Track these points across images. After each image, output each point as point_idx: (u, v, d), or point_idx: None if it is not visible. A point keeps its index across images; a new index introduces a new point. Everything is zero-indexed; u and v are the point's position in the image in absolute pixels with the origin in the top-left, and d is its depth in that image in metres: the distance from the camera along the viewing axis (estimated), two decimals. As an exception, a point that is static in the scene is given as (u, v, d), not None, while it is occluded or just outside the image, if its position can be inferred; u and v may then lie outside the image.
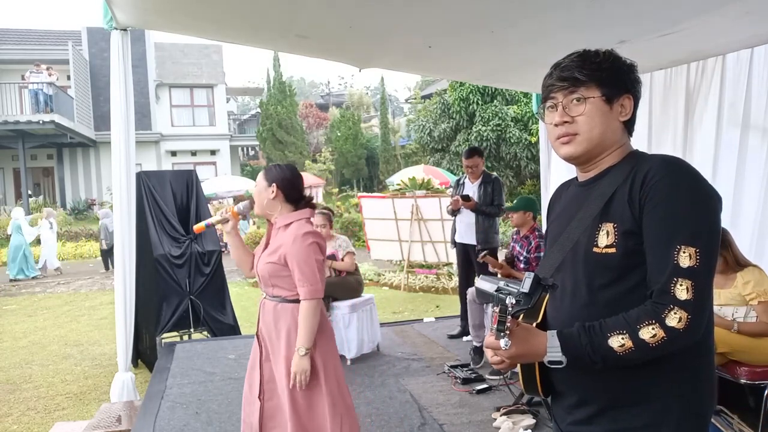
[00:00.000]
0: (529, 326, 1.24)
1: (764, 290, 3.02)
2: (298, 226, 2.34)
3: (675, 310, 1.12)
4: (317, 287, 2.30)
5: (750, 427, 2.88)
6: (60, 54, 19.96)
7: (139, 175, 5.20)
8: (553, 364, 1.19)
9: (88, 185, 21.84)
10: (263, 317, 2.44)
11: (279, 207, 2.40)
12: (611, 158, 1.29)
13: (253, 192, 2.46)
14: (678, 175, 1.17)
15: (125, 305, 4.15)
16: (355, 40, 4.21)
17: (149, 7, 3.94)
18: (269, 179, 2.40)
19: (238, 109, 38.16)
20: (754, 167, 3.88)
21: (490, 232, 4.99)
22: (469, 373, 4.10)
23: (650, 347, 1.12)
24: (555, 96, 1.29)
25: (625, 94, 1.27)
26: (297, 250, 2.28)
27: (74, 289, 10.76)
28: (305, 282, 2.28)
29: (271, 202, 2.39)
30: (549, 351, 1.18)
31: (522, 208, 4.29)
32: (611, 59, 1.28)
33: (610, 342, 1.14)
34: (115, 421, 3.64)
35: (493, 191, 4.98)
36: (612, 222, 1.21)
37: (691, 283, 1.12)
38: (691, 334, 1.13)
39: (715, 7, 3.20)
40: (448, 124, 18.16)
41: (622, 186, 1.22)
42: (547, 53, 3.97)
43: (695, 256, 1.12)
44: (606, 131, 1.26)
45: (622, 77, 1.28)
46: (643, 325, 1.13)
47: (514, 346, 1.16)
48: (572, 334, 1.19)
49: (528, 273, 1.33)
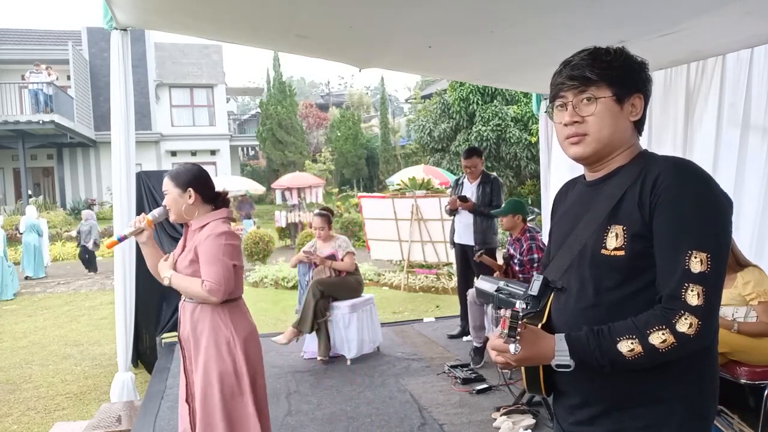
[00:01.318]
0: (537, 329, 1.23)
1: (764, 290, 3.02)
2: (213, 226, 2.29)
3: (686, 315, 1.10)
4: (219, 288, 2.20)
5: (750, 427, 2.88)
6: (60, 54, 19.96)
7: (139, 175, 5.19)
8: (561, 368, 1.17)
9: (88, 185, 21.85)
10: (183, 320, 2.37)
11: (197, 211, 2.34)
12: (621, 158, 1.28)
13: (167, 199, 2.34)
14: (689, 178, 1.16)
15: (125, 305, 4.15)
16: (355, 40, 4.21)
17: (149, 7, 3.94)
18: (182, 184, 2.31)
19: (238, 109, 38.16)
20: (754, 167, 3.88)
21: (489, 232, 4.99)
22: (469, 373, 4.10)
23: (660, 352, 1.11)
24: (565, 95, 1.26)
25: (636, 93, 1.25)
26: (207, 248, 2.22)
27: (74, 289, 10.76)
28: (207, 280, 2.20)
29: (189, 207, 2.32)
30: (557, 355, 1.17)
31: (510, 211, 4.30)
32: (623, 57, 1.25)
33: (620, 347, 1.13)
34: (115, 421, 3.65)
35: (491, 191, 4.98)
36: (621, 224, 1.20)
37: (702, 289, 1.10)
38: (701, 340, 1.12)
39: (715, 7, 3.20)
40: (448, 124, 18.15)
41: (632, 188, 1.20)
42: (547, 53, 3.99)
43: (706, 262, 1.11)
44: (616, 132, 1.24)
45: (633, 76, 1.25)
46: (653, 330, 1.12)
47: (523, 349, 1.14)
48: (580, 338, 1.17)
49: (537, 275, 1.32)
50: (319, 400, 3.86)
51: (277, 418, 3.56)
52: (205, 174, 2.40)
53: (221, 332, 2.28)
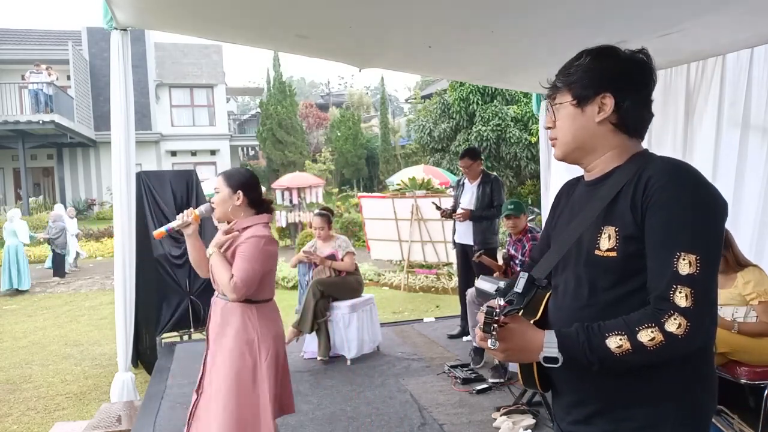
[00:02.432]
0: (526, 323, 1.23)
1: (764, 290, 3.02)
2: (255, 230, 2.40)
3: (675, 316, 1.10)
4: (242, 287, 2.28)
5: (750, 427, 2.88)
6: (60, 54, 19.95)
7: (139, 175, 5.20)
8: (549, 362, 1.17)
9: (88, 185, 21.84)
10: (213, 314, 2.47)
11: (242, 213, 2.44)
12: (611, 159, 1.27)
13: (215, 198, 2.45)
14: (681, 180, 1.16)
15: (125, 305, 4.15)
16: (355, 40, 4.20)
17: (149, 7, 3.94)
18: (233, 186, 2.42)
19: (238, 109, 38.16)
20: (754, 167, 3.88)
21: (488, 233, 4.99)
22: (469, 373, 4.10)
23: (648, 350, 1.11)
24: (548, 102, 1.36)
25: (603, 93, 1.24)
26: (246, 248, 2.33)
27: (74, 289, 10.76)
28: (236, 276, 2.28)
29: (235, 209, 2.43)
30: (545, 346, 1.17)
31: (523, 210, 4.31)
32: (588, 59, 1.26)
33: (608, 342, 1.13)
34: (115, 421, 3.65)
35: (492, 191, 4.98)
36: (614, 226, 1.20)
37: (690, 291, 1.10)
38: (691, 341, 1.11)
39: (715, 7, 3.20)
40: (448, 124, 18.15)
41: (626, 189, 1.20)
42: (546, 53, 3.99)
43: (695, 264, 1.11)
44: (579, 135, 1.27)
45: (596, 77, 1.24)
46: (642, 327, 1.12)
47: (506, 342, 1.17)
48: (570, 332, 1.18)
49: (522, 273, 1.32)
50: (319, 400, 3.86)
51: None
52: (256, 180, 2.54)
53: (246, 332, 2.35)
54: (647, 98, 1.27)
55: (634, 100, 1.25)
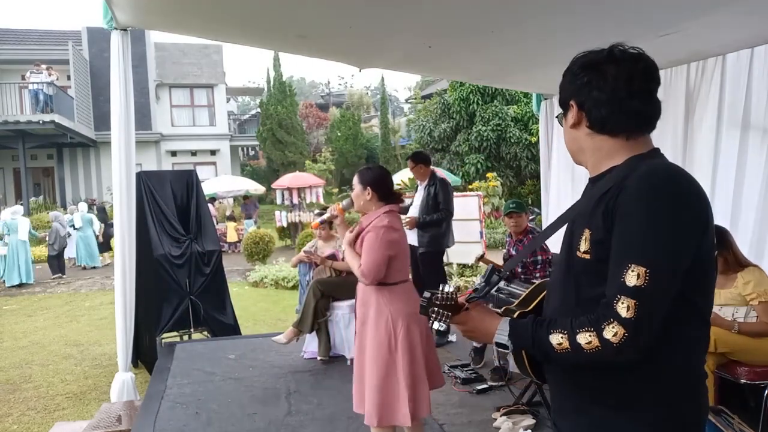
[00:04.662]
0: (487, 310, 1.36)
1: (764, 290, 3.02)
2: (378, 220, 2.67)
3: (614, 324, 1.12)
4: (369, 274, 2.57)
5: (750, 427, 2.88)
6: (60, 54, 19.95)
7: (139, 175, 5.19)
8: (500, 347, 1.27)
9: (88, 185, 21.84)
10: (358, 294, 2.78)
11: (373, 206, 2.72)
12: (603, 159, 1.28)
13: (353, 193, 2.78)
14: (646, 191, 1.14)
15: (125, 305, 4.15)
16: (355, 40, 4.21)
17: (149, 7, 3.94)
18: (364, 182, 2.71)
19: (238, 109, 38.12)
20: (754, 167, 3.87)
21: (437, 235, 4.93)
22: (469, 373, 4.10)
23: (584, 352, 1.15)
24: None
25: (570, 101, 1.30)
26: (368, 238, 2.63)
27: (74, 289, 10.76)
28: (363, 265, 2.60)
29: (367, 203, 2.73)
30: (498, 333, 1.28)
31: (524, 209, 4.31)
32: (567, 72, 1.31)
33: (551, 338, 1.19)
34: (115, 421, 3.65)
35: (436, 194, 4.92)
36: (589, 229, 1.22)
37: (634, 302, 1.10)
38: (628, 351, 1.12)
39: (715, 7, 3.20)
40: (448, 124, 18.15)
41: (609, 193, 1.20)
42: (546, 54, 3.99)
43: (644, 276, 1.10)
44: (568, 142, 1.36)
45: (563, 87, 1.32)
46: (582, 330, 1.15)
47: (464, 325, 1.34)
48: (524, 323, 1.26)
49: (490, 265, 1.44)
50: (320, 399, 3.86)
51: (277, 417, 3.57)
52: (384, 175, 2.79)
53: (382, 311, 2.62)
54: (614, 94, 1.22)
55: (595, 99, 1.24)
